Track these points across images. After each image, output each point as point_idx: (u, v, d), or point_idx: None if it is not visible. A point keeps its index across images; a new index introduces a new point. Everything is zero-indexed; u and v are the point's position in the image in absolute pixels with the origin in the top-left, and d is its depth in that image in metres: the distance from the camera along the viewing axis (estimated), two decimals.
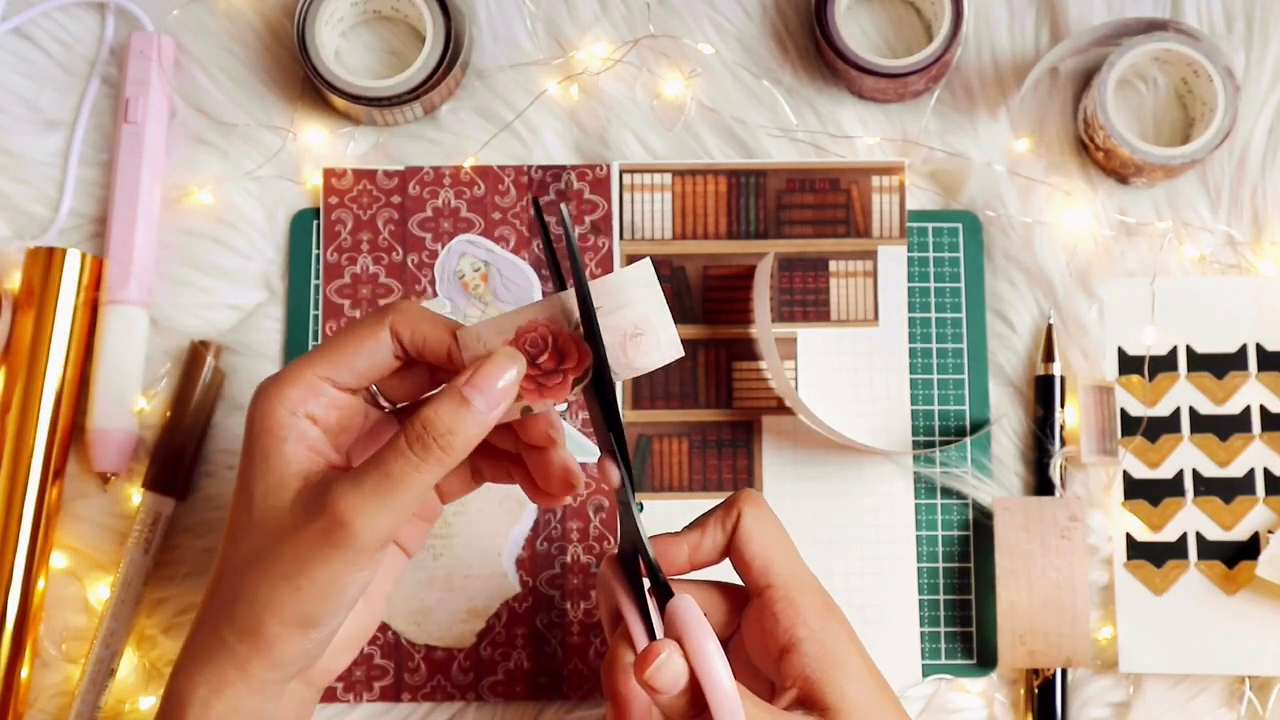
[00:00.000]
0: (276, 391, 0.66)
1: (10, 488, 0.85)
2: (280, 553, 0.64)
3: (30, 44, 0.92)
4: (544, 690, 0.86)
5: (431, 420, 0.64)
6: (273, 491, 0.65)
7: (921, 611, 0.87)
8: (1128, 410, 0.88)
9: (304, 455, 0.66)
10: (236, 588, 0.65)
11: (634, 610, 0.67)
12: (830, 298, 0.90)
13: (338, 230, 0.90)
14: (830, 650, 0.67)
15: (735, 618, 0.72)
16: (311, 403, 0.67)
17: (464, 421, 0.64)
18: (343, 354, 0.67)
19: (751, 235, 0.90)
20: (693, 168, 0.90)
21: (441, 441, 0.64)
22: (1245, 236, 0.90)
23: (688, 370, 0.89)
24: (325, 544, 0.63)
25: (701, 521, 0.71)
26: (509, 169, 0.90)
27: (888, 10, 0.92)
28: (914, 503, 0.88)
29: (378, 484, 0.63)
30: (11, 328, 0.87)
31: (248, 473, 0.66)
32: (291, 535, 0.64)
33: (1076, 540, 0.86)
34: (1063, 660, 0.85)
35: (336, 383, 0.67)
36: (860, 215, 0.90)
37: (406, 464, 0.64)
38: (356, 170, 0.90)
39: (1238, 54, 0.91)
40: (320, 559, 0.64)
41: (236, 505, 0.67)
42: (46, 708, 0.86)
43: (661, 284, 0.88)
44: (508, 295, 0.89)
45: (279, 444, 0.66)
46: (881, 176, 0.90)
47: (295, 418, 0.66)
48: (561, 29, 0.92)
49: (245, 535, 0.66)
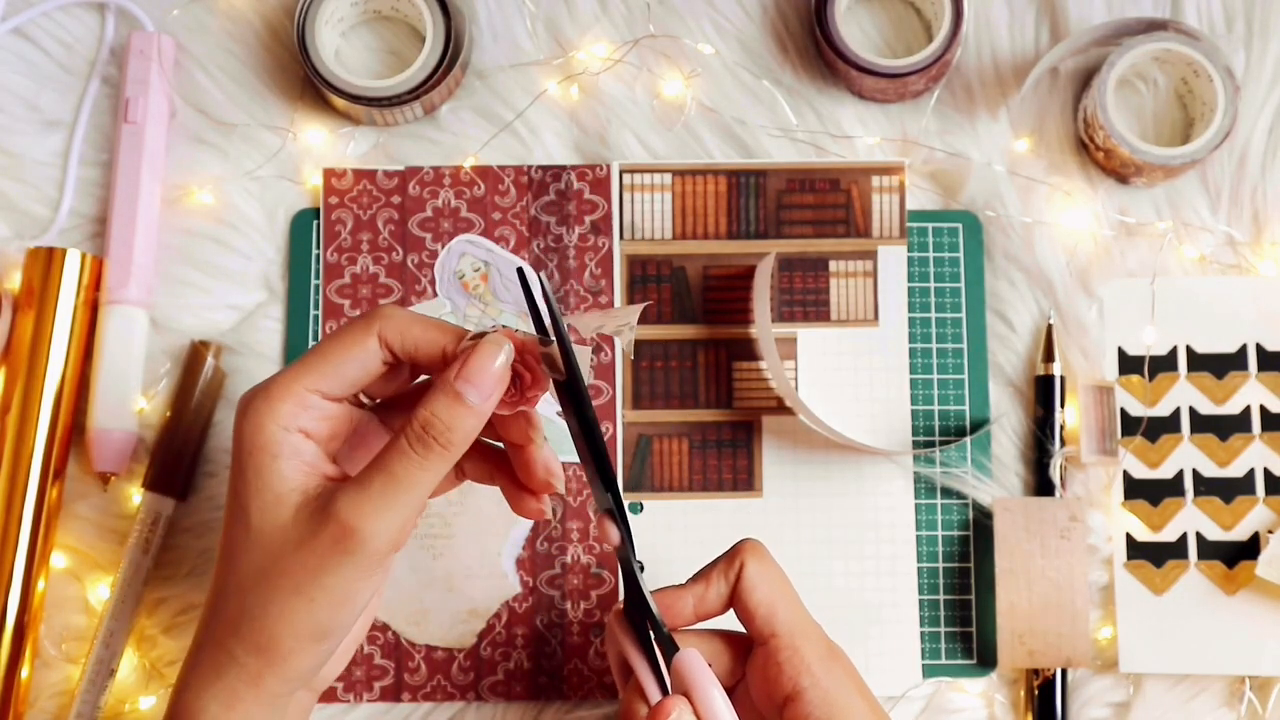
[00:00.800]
0: (267, 407, 0.66)
1: (10, 488, 0.85)
2: (287, 568, 0.64)
3: (30, 44, 0.92)
4: (544, 690, 0.86)
5: (429, 420, 0.64)
6: (270, 509, 0.65)
7: (921, 611, 0.87)
8: (1128, 410, 0.88)
9: (299, 470, 0.66)
10: (243, 605, 0.65)
11: (644, 664, 0.69)
12: (830, 298, 0.90)
13: (338, 230, 0.90)
14: (834, 698, 0.69)
15: (740, 666, 0.73)
16: (302, 416, 0.66)
17: (460, 416, 0.64)
18: (330, 364, 0.67)
19: (751, 235, 0.90)
20: (693, 168, 0.90)
21: (442, 438, 0.64)
22: (1245, 236, 0.90)
23: (688, 370, 0.89)
24: (336, 553, 0.63)
25: (705, 573, 0.72)
26: (509, 169, 0.90)
27: (888, 10, 0.92)
28: (914, 503, 0.88)
29: (383, 487, 0.64)
30: (11, 328, 0.87)
31: (242, 491, 0.66)
32: (297, 549, 0.64)
33: (1076, 540, 0.86)
34: (1062, 660, 0.85)
35: (326, 394, 0.67)
36: (860, 215, 0.90)
37: (410, 464, 0.64)
38: (356, 170, 0.90)
39: (1238, 54, 0.91)
40: (332, 569, 0.64)
41: (231, 523, 0.66)
42: (46, 708, 0.86)
43: (661, 284, 0.89)
44: (508, 295, 0.89)
45: (272, 461, 0.65)
46: (881, 176, 0.90)
47: (288, 433, 0.66)
48: (561, 29, 0.92)
49: (244, 553, 0.65)
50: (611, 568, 0.87)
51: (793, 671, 0.69)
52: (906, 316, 0.89)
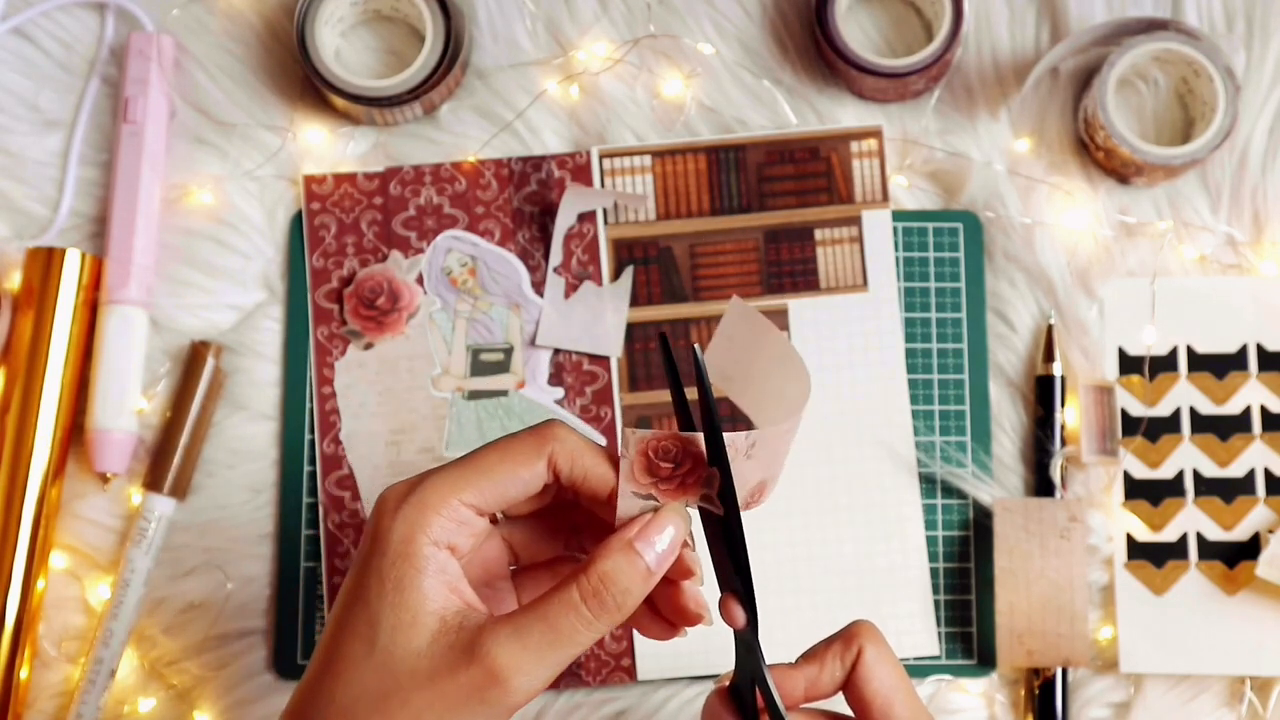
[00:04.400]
0: (419, 515, 0.60)
1: (10, 488, 0.85)
2: (411, 699, 0.59)
3: (30, 44, 0.92)
4: (562, 674, 0.86)
5: (611, 576, 0.60)
6: (404, 629, 0.59)
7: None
8: (1128, 410, 0.88)
9: (442, 593, 0.60)
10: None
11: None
12: (818, 266, 0.90)
13: (322, 235, 0.90)
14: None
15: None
16: (454, 531, 0.61)
17: (638, 579, 0.61)
18: (492, 479, 0.61)
19: (735, 210, 0.90)
20: (671, 147, 0.90)
21: (619, 598, 0.61)
22: (1245, 236, 0.90)
23: (682, 350, 0.89)
24: (475, 699, 0.59)
25: (819, 654, 0.67)
26: (489, 163, 0.90)
27: (888, 10, 0.92)
28: (917, 473, 0.88)
29: (543, 639, 0.60)
30: (11, 328, 0.87)
31: (375, 603, 0.60)
32: (429, 682, 0.59)
33: (1076, 541, 0.86)
34: (1061, 660, 0.85)
35: (480, 509, 0.62)
36: (841, 182, 0.90)
37: (578, 620, 0.60)
38: (336, 175, 0.90)
39: (1238, 54, 0.91)
40: (465, 713, 0.59)
41: (349, 632, 0.60)
42: (46, 708, 0.86)
43: (649, 265, 0.89)
44: (496, 288, 0.89)
45: (417, 576, 0.60)
46: (859, 142, 0.90)
47: (436, 549, 0.60)
48: (561, 29, 0.92)
49: (362, 670, 0.60)
50: None
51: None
52: (895, 279, 0.89)
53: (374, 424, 0.88)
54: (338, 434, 0.88)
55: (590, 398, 0.88)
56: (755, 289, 0.89)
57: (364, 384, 0.89)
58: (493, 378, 0.89)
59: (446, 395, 0.88)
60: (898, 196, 0.91)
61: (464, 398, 0.88)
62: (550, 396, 0.88)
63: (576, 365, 0.89)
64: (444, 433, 0.88)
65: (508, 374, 0.89)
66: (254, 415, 0.89)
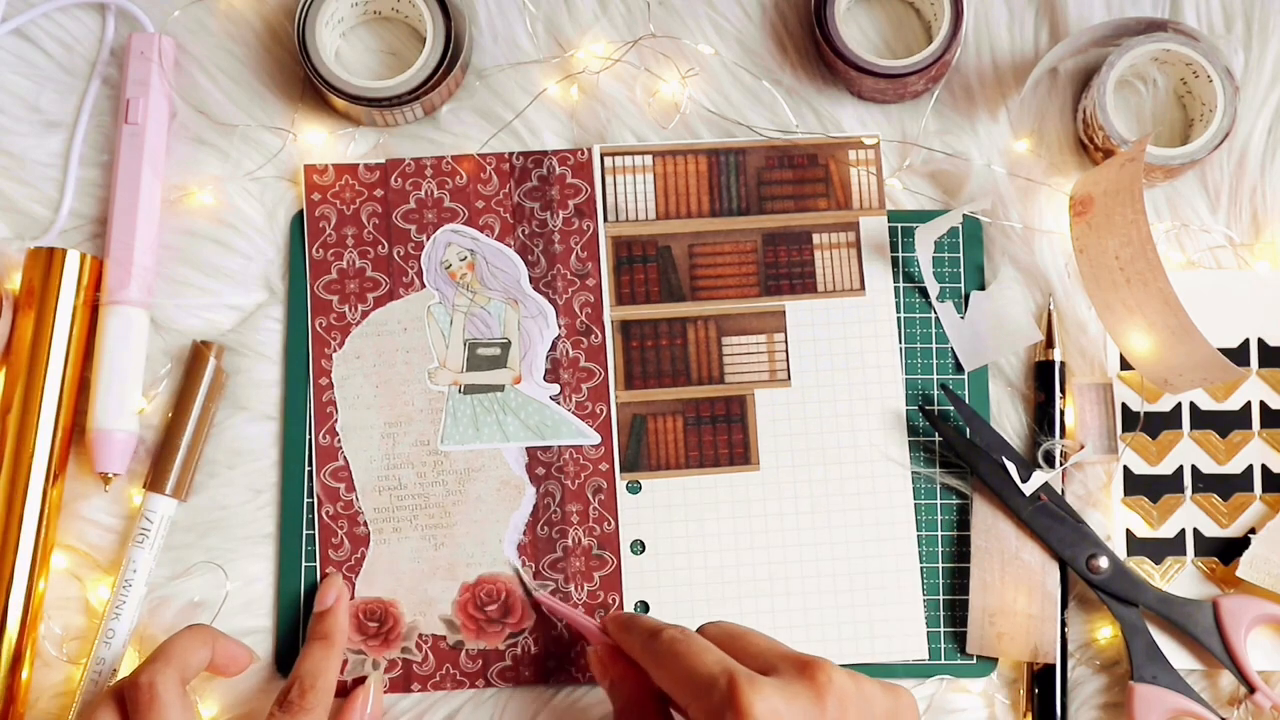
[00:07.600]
0: None
1: (11, 488, 0.85)
2: None
3: (30, 45, 0.92)
4: (553, 673, 0.87)
5: None
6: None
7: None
8: (1128, 405, 0.88)
9: None
10: None
11: None
12: (816, 269, 0.90)
13: (322, 226, 0.90)
14: None
15: None
16: None
17: None
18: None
19: (735, 212, 0.90)
20: (673, 148, 0.91)
21: None
22: (1245, 237, 0.90)
23: (679, 348, 0.89)
24: None
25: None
26: (490, 157, 0.91)
27: (887, 10, 0.93)
28: (914, 502, 0.88)
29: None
30: (12, 328, 0.87)
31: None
32: None
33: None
34: (1030, 651, 0.85)
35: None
36: (839, 188, 0.90)
37: None
38: (338, 165, 0.91)
39: (1237, 54, 0.91)
40: None
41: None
42: (47, 709, 0.86)
43: (648, 264, 0.89)
44: (495, 283, 0.90)
45: None
46: (857, 150, 0.90)
47: None
48: (561, 29, 0.92)
49: None
50: (614, 549, 0.87)
51: None
52: (892, 285, 0.90)
53: (370, 416, 0.88)
54: (334, 425, 0.88)
55: (586, 394, 0.89)
56: (753, 290, 0.90)
57: (361, 376, 0.89)
58: (489, 373, 0.89)
59: (443, 389, 0.89)
60: (897, 197, 0.91)
61: (460, 392, 0.89)
62: (546, 392, 0.88)
63: (573, 362, 0.89)
64: (440, 426, 0.88)
65: (504, 369, 0.89)
66: (255, 415, 0.89)
